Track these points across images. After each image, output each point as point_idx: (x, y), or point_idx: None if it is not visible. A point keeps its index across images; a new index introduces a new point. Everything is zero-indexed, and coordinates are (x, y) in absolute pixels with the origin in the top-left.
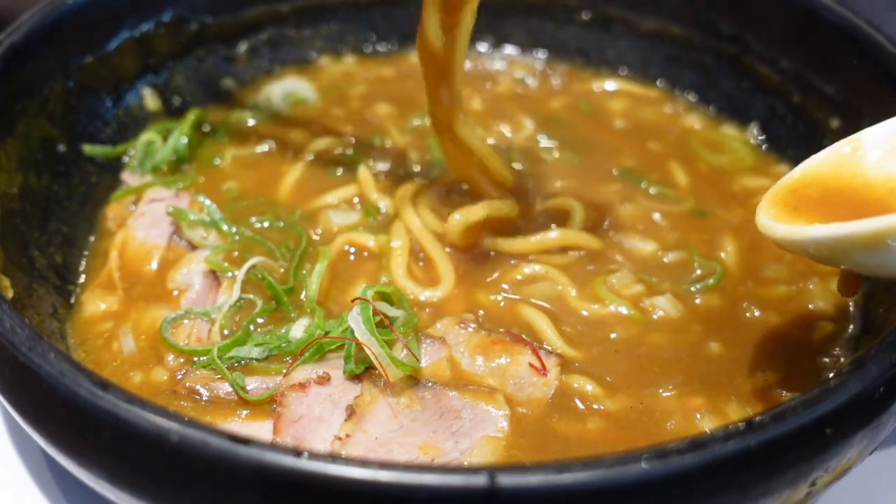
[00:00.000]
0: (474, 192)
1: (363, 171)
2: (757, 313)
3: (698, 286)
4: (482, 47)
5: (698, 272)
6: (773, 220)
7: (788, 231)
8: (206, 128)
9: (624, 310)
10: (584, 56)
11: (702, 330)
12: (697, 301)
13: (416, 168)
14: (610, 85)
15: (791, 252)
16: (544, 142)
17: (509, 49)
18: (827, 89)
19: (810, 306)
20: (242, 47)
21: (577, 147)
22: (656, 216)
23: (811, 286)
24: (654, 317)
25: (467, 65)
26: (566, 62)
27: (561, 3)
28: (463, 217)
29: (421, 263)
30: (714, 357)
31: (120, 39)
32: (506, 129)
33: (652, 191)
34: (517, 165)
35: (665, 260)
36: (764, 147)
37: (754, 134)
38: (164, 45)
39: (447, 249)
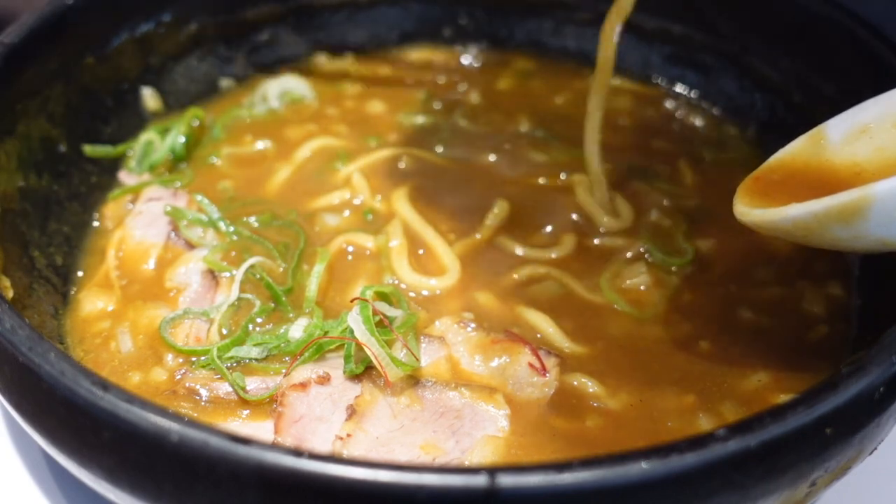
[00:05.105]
0: None
1: (358, 171)
2: (755, 314)
3: (696, 286)
4: (482, 45)
5: (697, 272)
6: (748, 207)
7: (765, 213)
8: (204, 126)
9: (623, 308)
10: (585, 56)
11: (700, 330)
12: (696, 301)
13: (412, 167)
14: (612, 83)
15: (766, 234)
16: (548, 137)
17: (510, 47)
18: (827, 89)
19: (810, 306)
20: (241, 47)
21: (581, 143)
22: (655, 215)
23: (809, 286)
24: (653, 316)
25: (468, 60)
26: (567, 61)
27: (560, 3)
28: None
29: (421, 251)
30: (712, 357)
31: (120, 39)
32: (506, 125)
33: (655, 188)
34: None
35: (664, 259)
36: (764, 147)
37: (755, 133)
38: (164, 45)
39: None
